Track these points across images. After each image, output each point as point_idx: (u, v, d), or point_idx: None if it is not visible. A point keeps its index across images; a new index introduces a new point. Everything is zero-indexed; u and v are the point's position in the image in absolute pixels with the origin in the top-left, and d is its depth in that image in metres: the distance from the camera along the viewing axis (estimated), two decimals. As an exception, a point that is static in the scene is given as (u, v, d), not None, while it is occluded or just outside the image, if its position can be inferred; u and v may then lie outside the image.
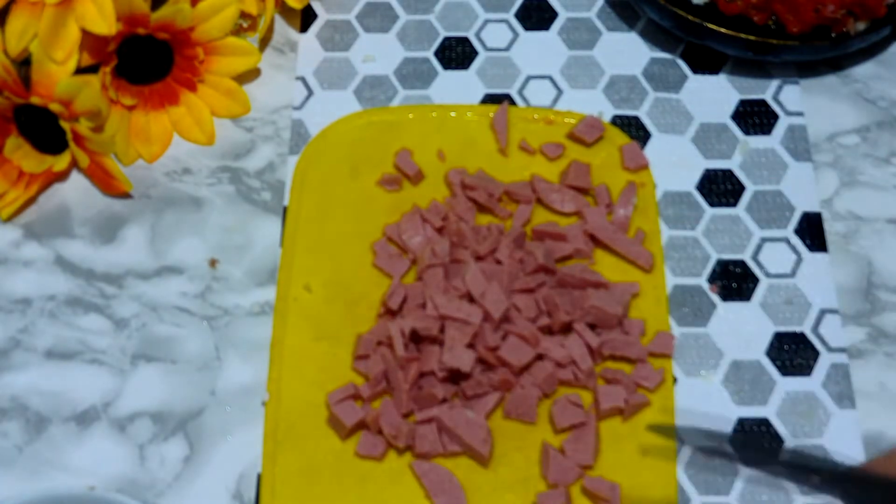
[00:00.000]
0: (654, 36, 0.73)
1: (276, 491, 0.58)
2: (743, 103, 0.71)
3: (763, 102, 0.70)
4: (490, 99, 0.71)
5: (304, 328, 0.63)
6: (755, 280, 0.64)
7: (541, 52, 0.73)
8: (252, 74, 0.72)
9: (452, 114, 0.70)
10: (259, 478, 0.59)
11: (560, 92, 0.71)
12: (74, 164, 0.67)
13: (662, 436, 0.58)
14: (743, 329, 0.63)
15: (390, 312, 0.62)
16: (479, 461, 0.58)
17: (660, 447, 0.58)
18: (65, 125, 0.65)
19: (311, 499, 0.58)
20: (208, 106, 0.70)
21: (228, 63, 0.70)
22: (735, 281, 0.64)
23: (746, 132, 0.69)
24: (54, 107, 0.63)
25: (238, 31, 0.73)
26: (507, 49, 0.73)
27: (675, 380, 0.61)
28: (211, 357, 0.63)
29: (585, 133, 0.68)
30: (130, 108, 0.69)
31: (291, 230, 0.66)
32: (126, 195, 0.68)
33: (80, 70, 0.65)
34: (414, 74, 0.72)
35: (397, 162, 0.67)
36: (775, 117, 0.70)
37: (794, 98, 0.71)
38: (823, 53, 0.70)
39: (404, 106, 0.71)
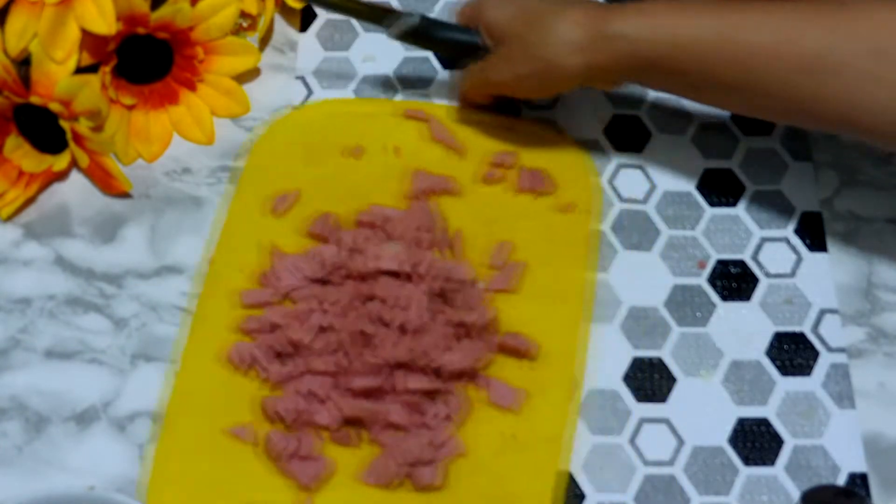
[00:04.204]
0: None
1: (170, 459, 0.58)
2: (743, 103, 0.71)
3: (763, 102, 0.70)
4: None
5: (227, 305, 0.63)
6: (755, 280, 0.64)
7: (541, 51, 0.73)
8: (252, 74, 0.72)
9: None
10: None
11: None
12: (74, 163, 0.67)
13: None
14: (743, 329, 0.63)
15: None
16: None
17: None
18: (64, 125, 0.65)
19: (200, 474, 0.58)
20: (208, 105, 0.70)
21: (228, 63, 0.70)
22: (735, 281, 0.64)
23: (746, 132, 0.69)
24: (54, 106, 0.63)
25: (238, 30, 0.73)
26: (507, 49, 0.73)
27: (674, 380, 0.61)
28: (211, 357, 0.62)
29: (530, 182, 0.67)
30: (130, 108, 0.69)
31: (237, 208, 0.66)
32: (126, 195, 0.68)
33: (80, 70, 0.65)
34: (414, 74, 0.72)
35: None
36: (775, 117, 0.70)
37: (794, 98, 0.71)
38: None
39: (366, 98, 0.71)
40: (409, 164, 0.68)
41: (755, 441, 0.60)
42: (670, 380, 0.61)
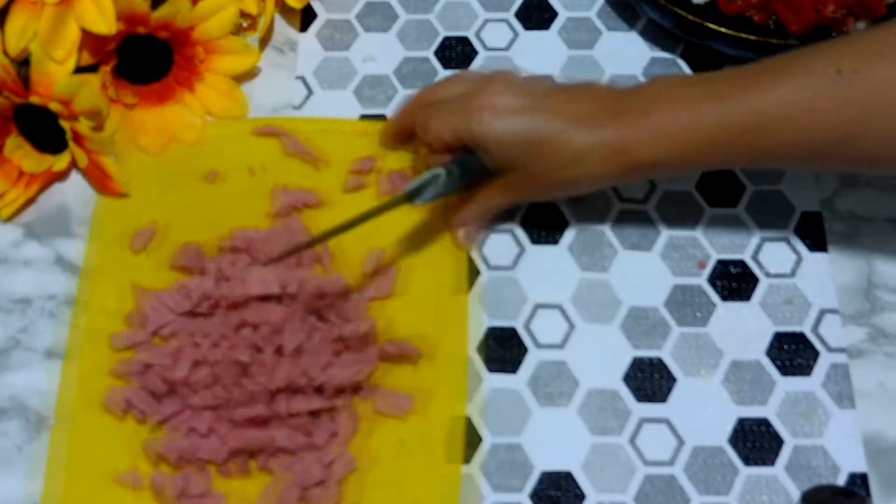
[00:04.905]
0: (654, 36, 0.73)
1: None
2: (743, 103, 0.70)
3: (763, 102, 0.70)
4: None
5: (98, 349, 0.61)
6: (755, 280, 0.64)
7: (541, 51, 0.73)
8: (252, 74, 0.72)
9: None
10: None
11: (560, 92, 0.71)
12: (74, 163, 0.67)
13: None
14: (743, 329, 0.63)
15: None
16: None
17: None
18: (64, 124, 0.64)
19: None
20: (207, 105, 0.70)
21: (228, 62, 0.70)
22: (735, 281, 0.64)
23: (746, 132, 0.69)
24: (54, 106, 0.63)
25: (238, 30, 0.73)
26: (507, 49, 0.73)
27: (674, 380, 0.61)
28: (211, 357, 0.62)
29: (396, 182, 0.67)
30: (130, 107, 0.69)
31: (96, 248, 0.65)
32: (122, 195, 0.67)
33: (80, 69, 0.65)
34: (414, 74, 0.72)
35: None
36: (775, 117, 0.70)
37: (794, 98, 0.71)
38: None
39: (214, 121, 0.70)
40: (268, 182, 0.67)
41: (755, 441, 0.60)
42: (670, 380, 0.61)
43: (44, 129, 0.66)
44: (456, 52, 0.73)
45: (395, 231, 0.65)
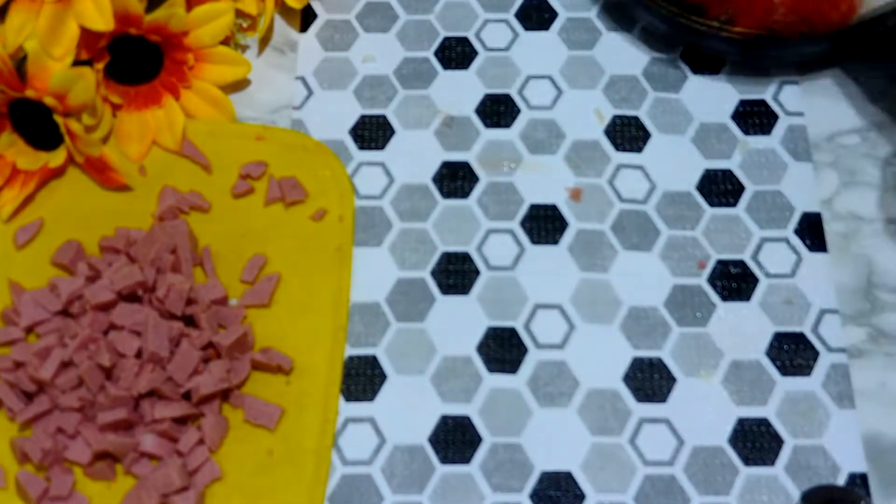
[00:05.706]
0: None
1: None
2: (743, 103, 0.71)
3: (763, 102, 0.71)
4: (490, 99, 0.71)
5: None
6: (755, 280, 0.64)
7: (541, 52, 0.73)
8: (243, 84, 0.71)
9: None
10: None
11: (560, 92, 0.71)
12: (71, 159, 0.67)
13: None
14: (743, 329, 0.63)
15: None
16: None
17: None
18: (59, 119, 0.64)
19: None
20: (192, 113, 0.69)
21: (218, 71, 0.69)
22: (735, 281, 0.64)
23: (746, 132, 0.69)
24: (48, 100, 0.63)
25: (238, 30, 0.72)
26: (507, 49, 0.73)
27: (674, 380, 0.61)
28: (209, 356, 0.62)
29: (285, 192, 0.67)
30: (117, 108, 0.69)
31: None
32: (126, 188, 0.67)
33: (74, 65, 0.65)
34: (414, 74, 0.72)
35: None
36: (775, 117, 0.70)
37: (794, 98, 0.71)
38: (812, 48, 0.70)
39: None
40: (157, 182, 0.67)
41: (755, 441, 0.59)
42: (670, 380, 0.61)
43: (38, 126, 0.66)
44: (456, 52, 0.73)
45: (279, 239, 0.65)
